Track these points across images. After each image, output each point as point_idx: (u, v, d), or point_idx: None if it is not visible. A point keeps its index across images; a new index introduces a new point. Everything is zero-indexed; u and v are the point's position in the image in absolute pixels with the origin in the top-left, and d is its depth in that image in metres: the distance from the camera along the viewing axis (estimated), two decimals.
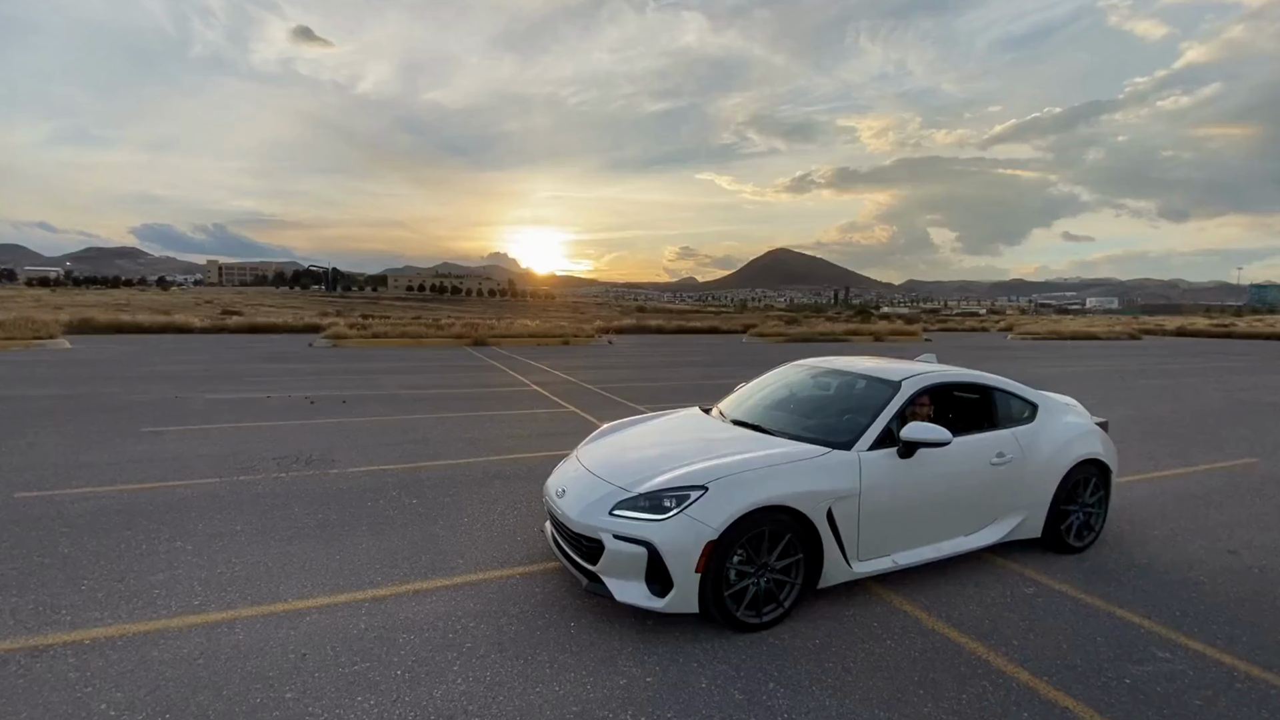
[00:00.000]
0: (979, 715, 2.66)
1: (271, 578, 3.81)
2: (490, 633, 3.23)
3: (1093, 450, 4.37)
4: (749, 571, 3.26)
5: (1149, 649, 3.19)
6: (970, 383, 4.28)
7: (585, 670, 2.93)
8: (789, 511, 3.27)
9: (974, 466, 3.93)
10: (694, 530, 3.11)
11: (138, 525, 4.61)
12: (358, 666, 2.92)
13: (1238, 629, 3.40)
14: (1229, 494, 5.91)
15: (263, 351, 19.47)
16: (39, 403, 9.51)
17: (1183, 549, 4.52)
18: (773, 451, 3.57)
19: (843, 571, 3.50)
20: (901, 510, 3.66)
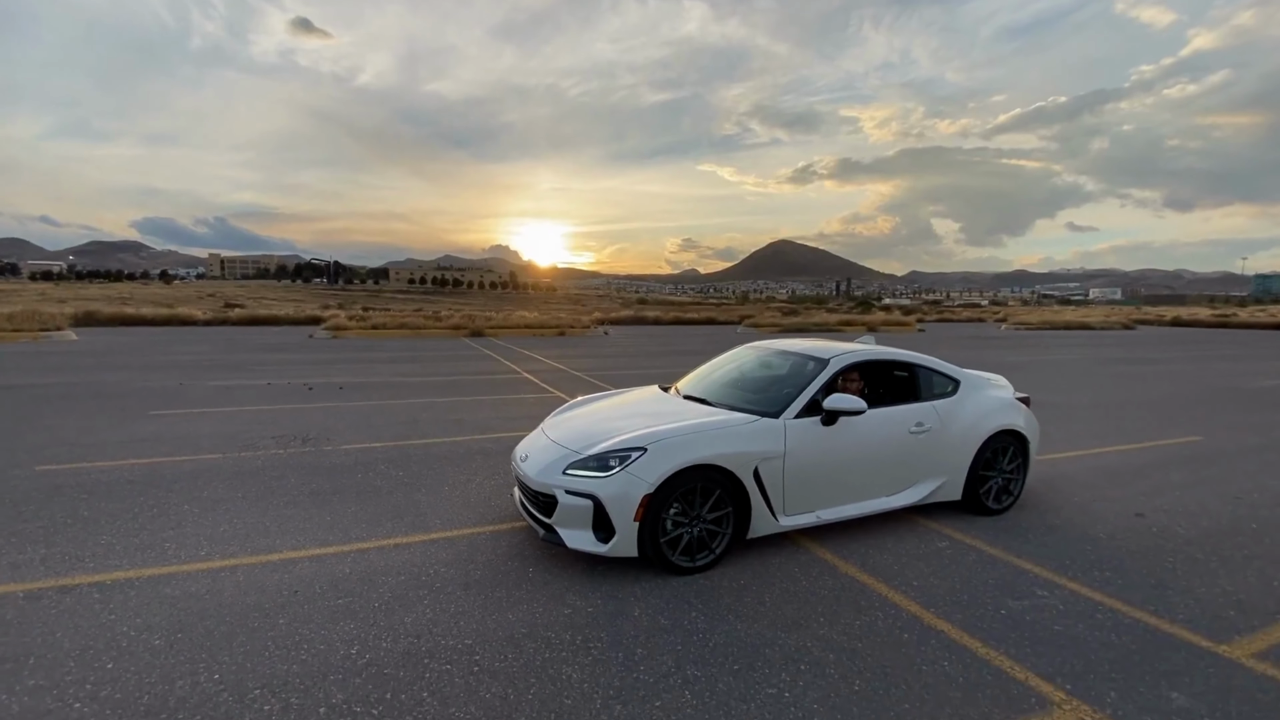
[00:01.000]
0: (867, 635, 3.12)
1: (268, 534, 4.29)
2: (458, 576, 3.71)
3: (1010, 422, 4.82)
4: (684, 522, 3.73)
5: (1031, 589, 3.65)
6: (894, 360, 4.73)
7: (537, 603, 3.40)
8: (719, 470, 3.73)
9: (894, 434, 4.38)
10: (633, 485, 3.57)
11: (149, 493, 5.10)
12: (341, 601, 3.40)
13: (1116, 574, 3.86)
14: (1159, 467, 6.36)
15: (264, 343, 19.97)
16: (53, 389, 10.02)
17: (1095, 512, 4.97)
18: (709, 419, 4.03)
19: (770, 524, 3.97)
20: (825, 471, 4.12)
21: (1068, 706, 2.60)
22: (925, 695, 2.66)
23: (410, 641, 3.01)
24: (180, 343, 19.28)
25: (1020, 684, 2.75)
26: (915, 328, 34.66)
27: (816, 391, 4.21)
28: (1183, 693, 2.71)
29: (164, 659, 2.84)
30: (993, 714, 2.55)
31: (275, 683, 2.68)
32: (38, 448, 6.38)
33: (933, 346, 22.11)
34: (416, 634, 3.08)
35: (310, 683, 2.69)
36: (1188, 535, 4.52)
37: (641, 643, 3.04)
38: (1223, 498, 5.39)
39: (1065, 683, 2.76)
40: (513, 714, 2.51)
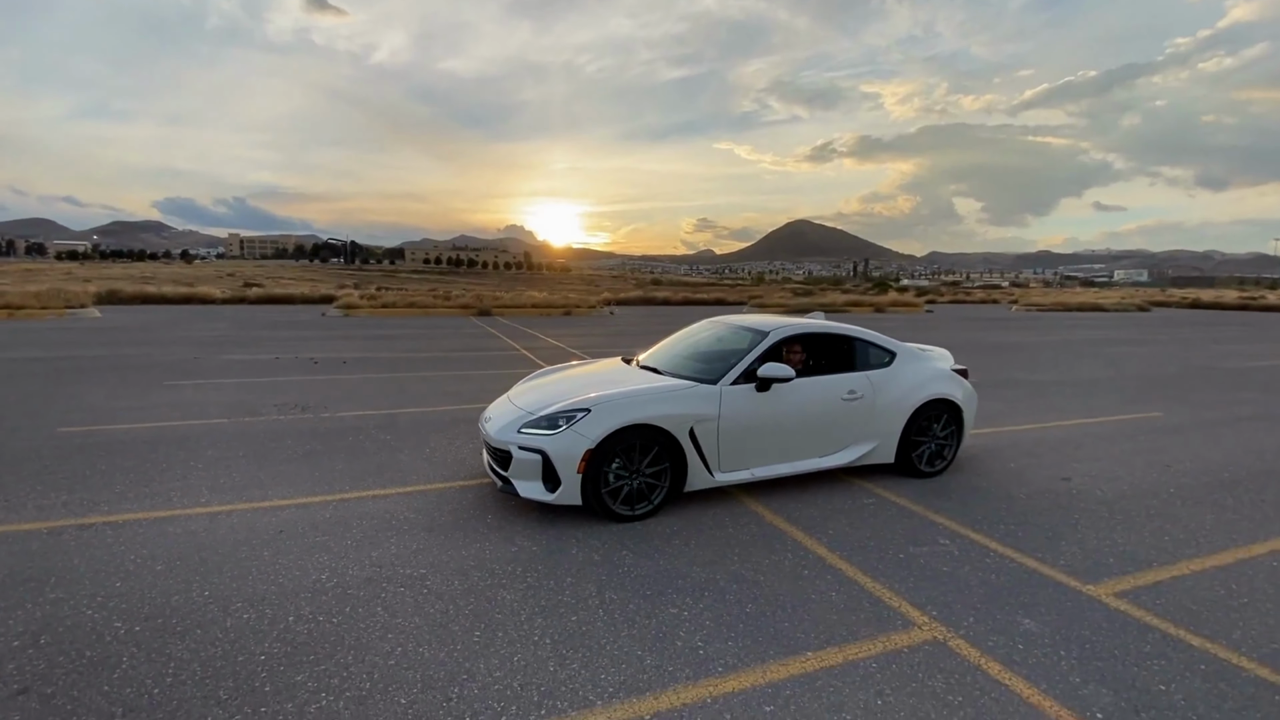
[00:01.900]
0: (771, 570, 3.55)
1: (262, 486, 4.80)
2: (424, 521, 4.18)
3: (944, 391, 5.17)
4: (624, 475, 4.16)
5: (935, 538, 4.04)
6: (833, 334, 5.09)
7: (489, 543, 3.86)
8: (656, 430, 4.15)
9: (826, 401, 4.76)
10: (577, 441, 4.01)
11: (159, 451, 5.64)
12: (319, 539, 3.88)
13: (1019, 527, 4.24)
14: (1107, 439, 6.67)
15: (278, 320, 20.66)
16: (77, 362, 10.67)
17: (1024, 476, 5.33)
18: (652, 385, 4.44)
19: (705, 479, 4.39)
20: (758, 433, 4.51)
21: (927, 626, 3.01)
22: (805, 616, 3.09)
23: (373, 570, 3.49)
24: (198, 320, 20.02)
25: (893, 610, 3.16)
26: (923, 309, 34.62)
27: (753, 361, 4.59)
28: (1034, 619, 3.10)
29: (164, 580, 3.35)
30: (859, 631, 2.97)
31: (255, 598, 3.17)
32: (62, 412, 6.97)
33: (931, 327, 22.25)
34: (379, 565, 3.56)
35: (283, 599, 3.17)
36: (1104, 497, 4.87)
37: (572, 573, 3.49)
38: (1155, 466, 5.71)
39: (933, 609, 3.17)
40: (449, 624, 2.98)
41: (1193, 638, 2.96)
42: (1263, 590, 3.45)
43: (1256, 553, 3.93)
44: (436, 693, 2.49)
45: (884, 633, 2.96)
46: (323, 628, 2.93)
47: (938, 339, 17.87)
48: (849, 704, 2.47)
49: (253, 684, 2.53)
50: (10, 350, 12.04)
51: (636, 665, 2.68)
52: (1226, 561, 3.80)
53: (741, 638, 2.89)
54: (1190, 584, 3.50)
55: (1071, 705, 2.48)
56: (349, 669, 2.63)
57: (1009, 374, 11.24)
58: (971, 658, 2.77)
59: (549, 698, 2.47)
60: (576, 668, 2.66)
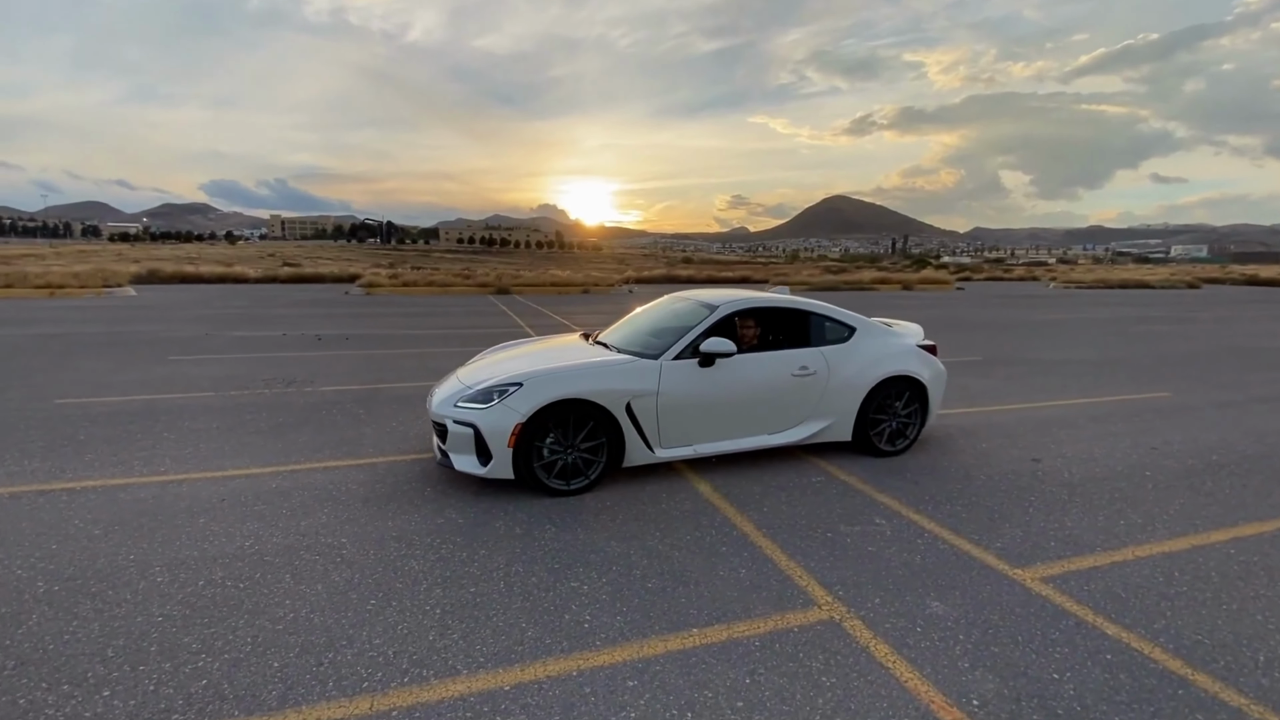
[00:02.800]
0: (688, 547, 3.50)
1: (222, 456, 4.94)
2: (363, 492, 4.25)
3: (906, 368, 4.99)
4: (560, 450, 4.14)
5: (872, 518, 3.93)
6: (785, 308, 4.94)
7: (418, 514, 3.90)
8: (591, 404, 4.11)
9: (775, 376, 4.64)
10: (507, 415, 4.00)
11: (139, 422, 5.84)
12: (258, 508, 3.98)
13: (966, 509, 4.09)
14: (1099, 420, 6.37)
15: (301, 298, 21.17)
16: (94, 337, 11.13)
17: (991, 457, 5.13)
18: (590, 361, 4.40)
19: (645, 455, 4.34)
20: (701, 409, 4.43)
21: (827, 607, 2.93)
22: (705, 592, 3.04)
23: (296, 538, 3.56)
24: (227, 298, 20.65)
25: (799, 589, 3.09)
26: (953, 286, 33.57)
27: (697, 336, 4.50)
28: (944, 602, 2.99)
29: (97, 543, 3.47)
30: (754, 609, 2.91)
31: (174, 563, 3.27)
32: (63, 384, 7.29)
33: (953, 305, 21.58)
34: (304, 534, 3.63)
35: (201, 564, 3.26)
36: (1069, 479, 4.66)
37: (488, 546, 3.50)
38: (1140, 448, 5.44)
39: (841, 590, 3.08)
40: (349, 591, 3.02)
41: (1109, 626, 2.82)
42: (1207, 579, 3.26)
43: (1215, 540, 3.71)
44: (311, 657, 2.54)
45: (780, 612, 2.89)
46: (228, 592, 3.01)
47: (953, 317, 17.34)
48: (716, 681, 2.42)
49: (141, 644, 2.61)
50: (38, 326, 12.62)
51: (516, 637, 2.68)
52: (1179, 548, 3.60)
53: (633, 613, 2.87)
54: (1129, 571, 3.33)
55: (949, 691, 2.39)
56: (236, 632, 2.69)
57: (1019, 352, 10.83)
58: (862, 640, 2.69)
59: (417, 665, 2.49)
60: (456, 638, 2.67)
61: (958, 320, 16.52)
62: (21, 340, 10.66)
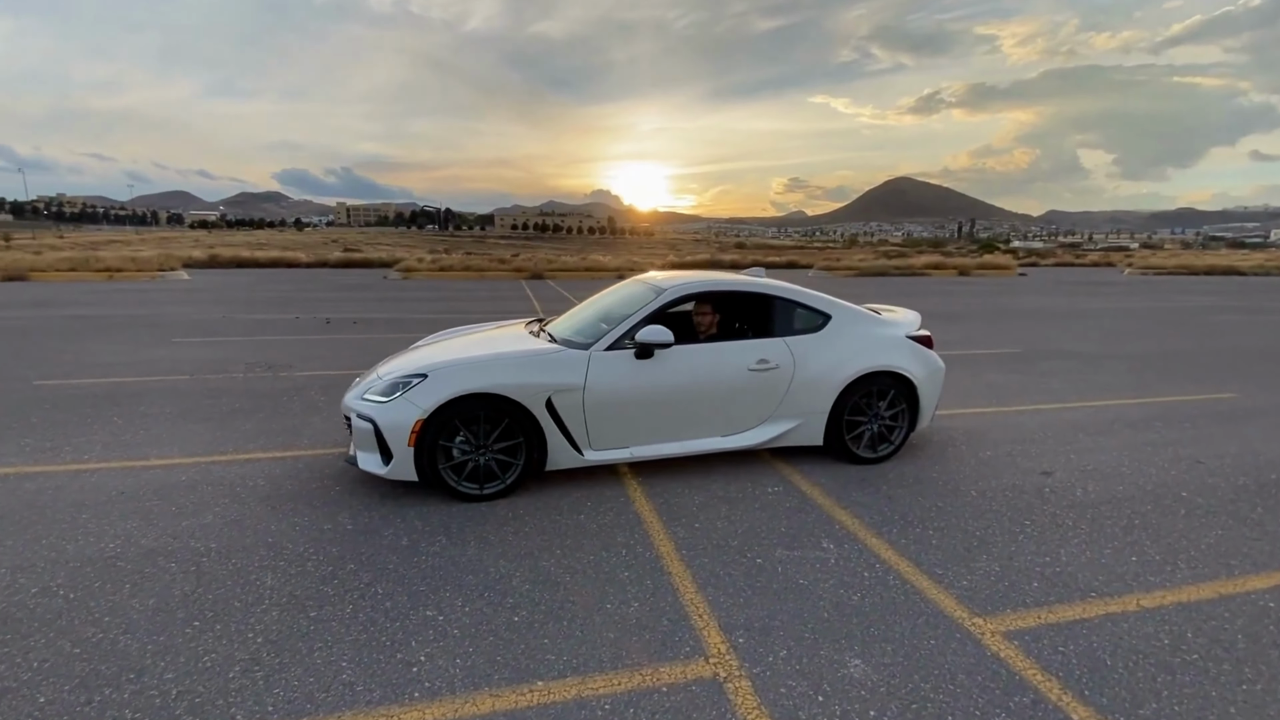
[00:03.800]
0: (586, 570, 3.00)
1: (155, 444, 4.73)
2: (269, 489, 3.92)
3: (890, 362, 4.30)
4: (471, 450, 3.70)
5: (820, 541, 3.32)
6: (746, 291, 4.32)
7: (310, 517, 3.54)
8: (504, 400, 3.64)
9: (727, 371, 4.05)
10: (407, 410, 3.58)
11: (100, 406, 5.75)
12: (149, 504, 3.71)
13: (940, 535, 3.42)
14: (1139, 425, 5.48)
15: (341, 282, 21.52)
16: (116, 319, 11.42)
17: (995, 468, 4.40)
18: (507, 350, 3.93)
19: (573, 458, 3.85)
20: (640, 406, 3.90)
21: (715, 659, 2.39)
22: (577, 633, 2.54)
23: (166, 541, 3.25)
24: (272, 282, 21.19)
25: (692, 632, 2.55)
26: (1015, 272, 31.41)
27: (636, 324, 3.96)
28: (867, 660, 2.40)
29: None
30: (626, 656, 2.39)
31: (23, 565, 3.01)
32: (54, 365, 7.35)
33: (1011, 291, 20.06)
34: (176, 536, 3.32)
35: (49, 568, 2.99)
36: (1083, 499, 3.90)
37: (361, 560, 3.10)
38: (1183, 461, 4.58)
39: (741, 636, 2.53)
40: (178, 609, 2.67)
41: (1079, 708, 2.17)
42: (1231, 644, 2.54)
43: (1253, 587, 2.95)
44: (85, 694, 2.19)
45: (654, 663, 2.37)
46: (53, 604, 2.71)
47: (1002, 305, 16.02)
48: None
49: None
50: (74, 308, 13.11)
51: (326, 682, 2.26)
52: (1201, 597, 2.86)
53: (478, 656, 2.40)
54: (1125, 627, 2.63)
55: None
56: (29, 654, 2.38)
57: (1066, 344, 9.73)
58: (741, 709, 2.14)
59: (192, 714, 2.10)
60: (258, 678, 2.28)
61: (1005, 308, 15.23)
62: (47, 321, 11.03)
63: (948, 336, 10.30)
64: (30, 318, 11.45)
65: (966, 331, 11.08)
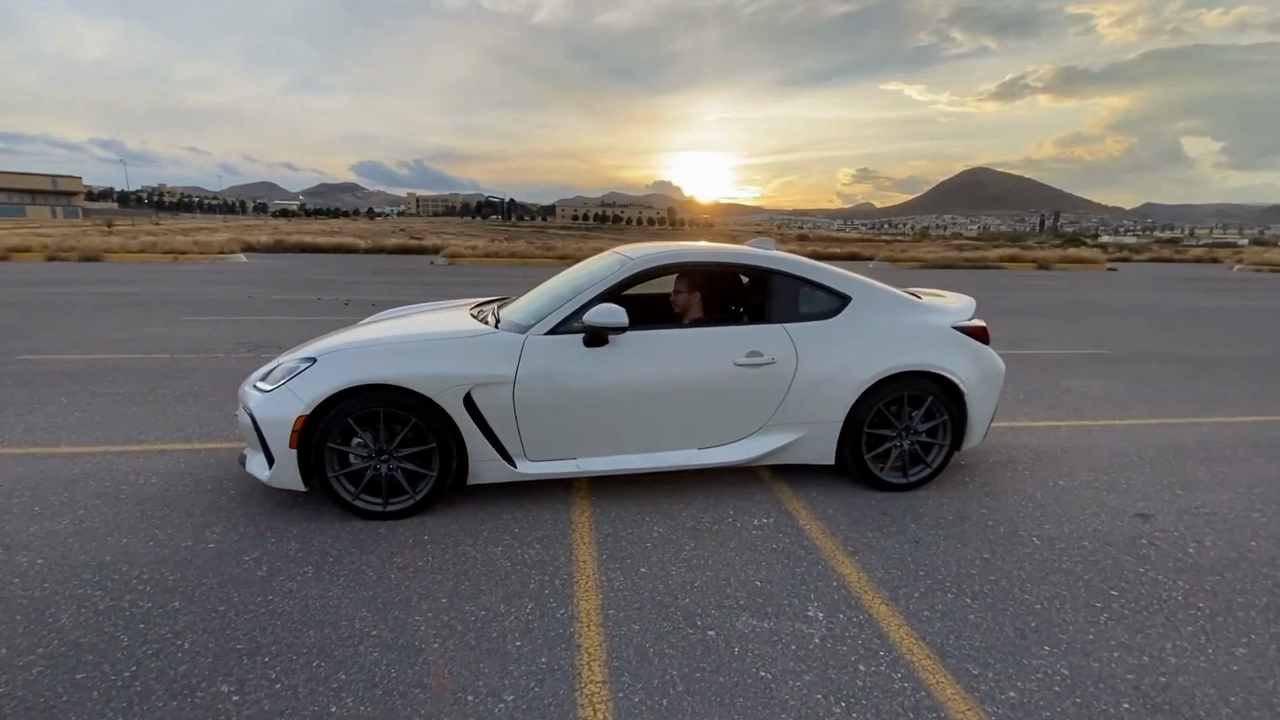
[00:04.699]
0: (476, 629, 2.20)
1: (85, 428, 4.24)
2: (156, 489, 3.31)
3: (927, 360, 3.28)
4: (371, 455, 2.96)
5: (805, 605, 2.40)
6: (739, 264, 3.38)
7: (174, 529, 2.89)
8: (408, 394, 2.88)
9: (706, 365, 3.13)
10: (288, 404, 2.87)
11: (59, 384, 5.37)
12: (18, 500, 3.15)
13: (983, 606, 2.43)
14: (1271, 449, 4.21)
15: (389, 267, 21.53)
16: (142, 297, 11.44)
17: (1070, 506, 3.32)
18: (420, 332, 3.18)
19: (502, 470, 3.05)
20: (589, 407, 3.05)
21: None
22: None
23: None
24: (320, 266, 21.40)
25: None
26: (1103, 266, 28.56)
27: (590, 301, 3.10)
28: None
29: None
30: None
31: None
32: (47, 340, 7.14)
33: (1098, 287, 18.03)
34: (9, 545, 2.72)
35: None
36: (1198, 560, 2.80)
37: (193, 595, 2.40)
38: None
39: None
40: None
41: None
42: None
43: None
44: None
45: None
46: None
47: (1088, 300, 14.24)
48: None
49: None
50: (115, 286, 13.32)
51: None
52: None
53: None
54: None
55: None
56: None
57: (1165, 345, 8.22)
58: None
59: None
60: None
61: (1090, 303, 13.46)
62: (78, 297, 11.13)
63: (1018, 332, 8.95)
64: (70, 293, 11.62)
65: (1042, 328, 9.64)
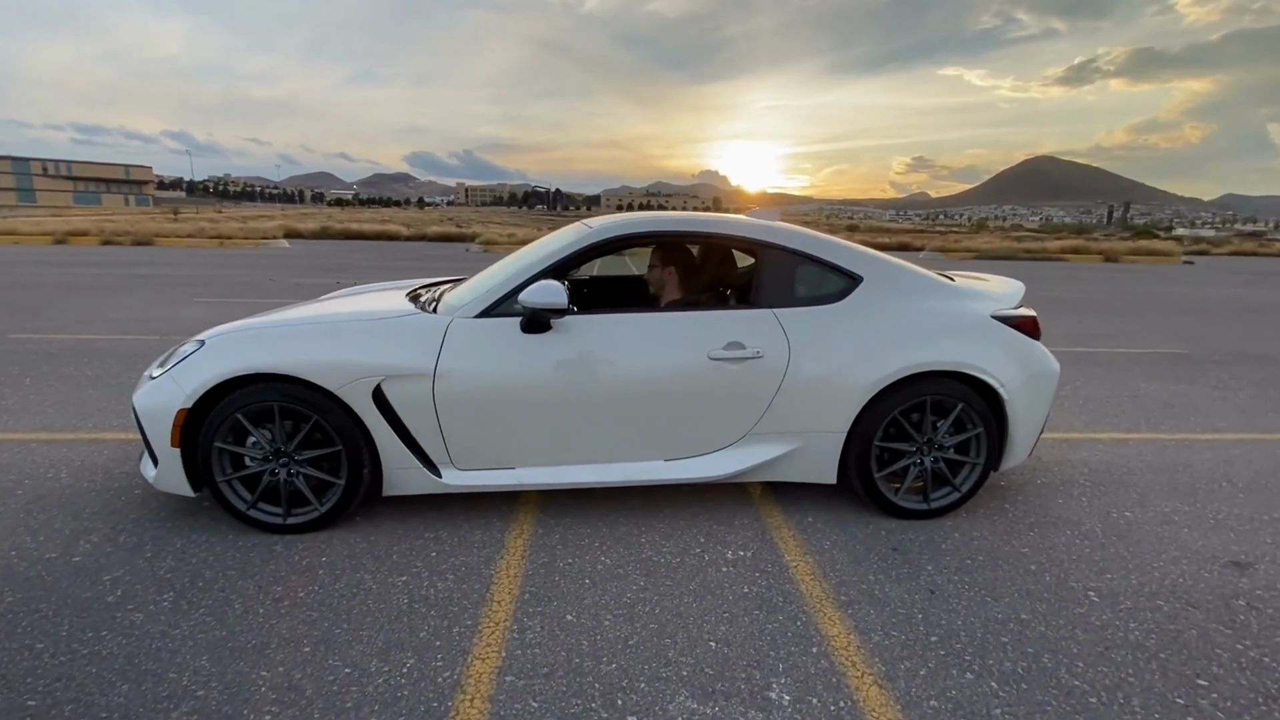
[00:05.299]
0: (332, 700, 1.69)
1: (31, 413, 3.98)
2: (61, 484, 2.95)
3: (958, 357, 2.60)
4: (269, 459, 2.49)
5: (768, 683, 1.80)
6: (718, 233, 2.74)
7: (47, 536, 2.49)
8: (305, 385, 2.39)
9: (672, 358, 2.54)
10: (169, 394, 2.43)
11: (36, 365, 5.16)
12: None
13: (1002, 692, 1.78)
14: None
15: (424, 254, 21.49)
16: (168, 278, 11.47)
17: (1143, 548, 2.60)
18: (324, 312, 2.70)
19: (423, 481, 2.54)
20: (528, 407, 2.51)
21: None
22: None
23: None
24: (358, 252, 21.50)
25: None
26: (1178, 259, 26.37)
27: (533, 278, 2.55)
28: None
29: None
30: None
31: None
32: (49, 320, 7.05)
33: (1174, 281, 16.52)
34: None
35: None
36: None
37: (15, 630, 1.97)
38: None
39: None
40: None
41: None
42: None
43: None
44: None
45: None
46: None
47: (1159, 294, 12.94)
48: None
49: None
50: (150, 268, 13.49)
51: None
52: None
53: None
54: None
55: None
56: None
57: (1255, 345, 7.14)
58: None
59: None
60: None
61: (1165, 298, 12.16)
62: (107, 279, 11.22)
63: (1078, 327, 7.99)
64: (101, 275, 11.76)
65: (1107, 323, 8.62)
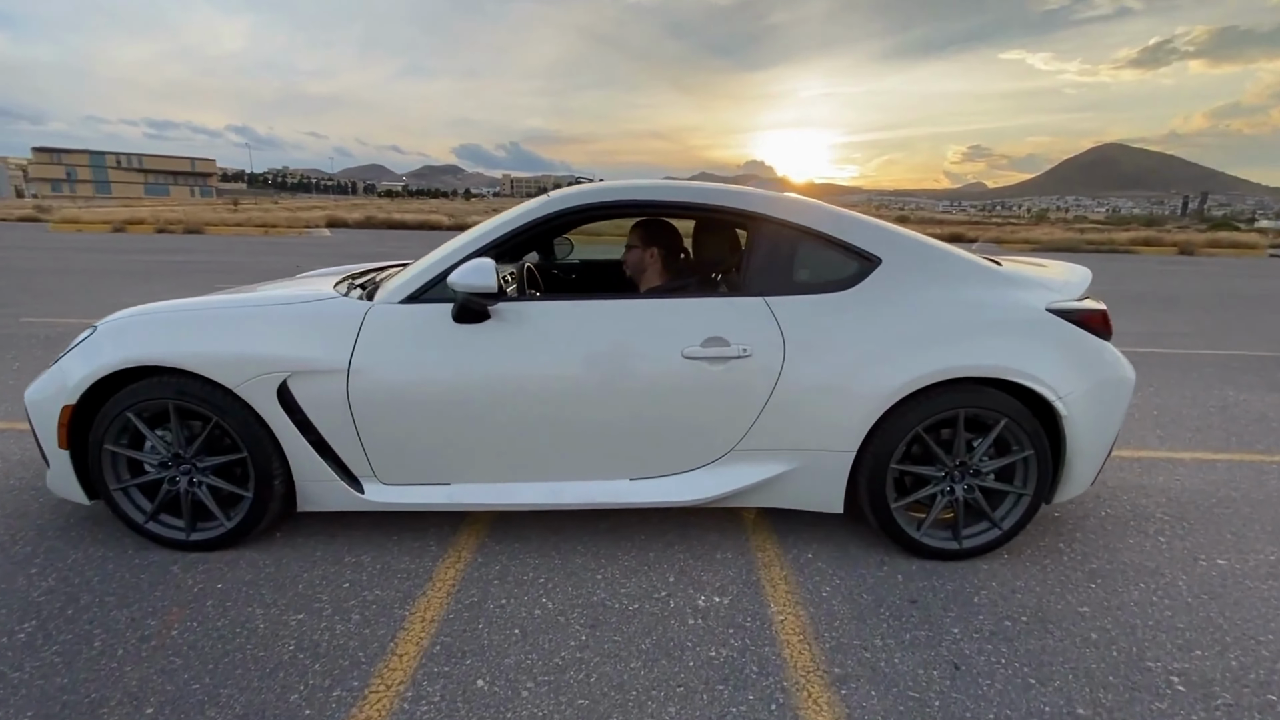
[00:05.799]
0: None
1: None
2: None
3: (998, 360, 2.05)
4: (167, 465, 2.16)
5: None
6: (694, 204, 2.25)
7: None
8: (202, 380, 2.04)
9: (637, 356, 2.08)
10: (55, 388, 2.11)
11: (30, 348, 5.10)
12: None
13: None
14: None
15: None
16: (203, 265, 11.61)
17: (1252, 606, 2.02)
18: (247, 296, 2.31)
19: (341, 495, 2.16)
20: (461, 411, 2.09)
21: None
22: None
23: None
24: (395, 241, 21.59)
25: None
26: (1264, 252, 24.24)
27: (468, 257, 2.13)
28: None
29: None
30: None
31: None
32: (68, 305, 7.06)
33: (1257, 275, 15.08)
34: None
35: None
36: None
37: None
38: None
39: None
40: None
41: None
42: None
43: None
44: None
45: None
46: None
47: (1242, 289, 11.71)
48: None
49: None
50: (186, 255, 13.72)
51: None
52: None
53: None
54: None
55: None
56: None
57: None
58: None
59: None
60: None
61: (1249, 294, 10.97)
62: (136, 265, 11.39)
63: (1152, 325, 7.15)
64: (133, 260, 11.98)
65: (1186, 320, 7.71)
